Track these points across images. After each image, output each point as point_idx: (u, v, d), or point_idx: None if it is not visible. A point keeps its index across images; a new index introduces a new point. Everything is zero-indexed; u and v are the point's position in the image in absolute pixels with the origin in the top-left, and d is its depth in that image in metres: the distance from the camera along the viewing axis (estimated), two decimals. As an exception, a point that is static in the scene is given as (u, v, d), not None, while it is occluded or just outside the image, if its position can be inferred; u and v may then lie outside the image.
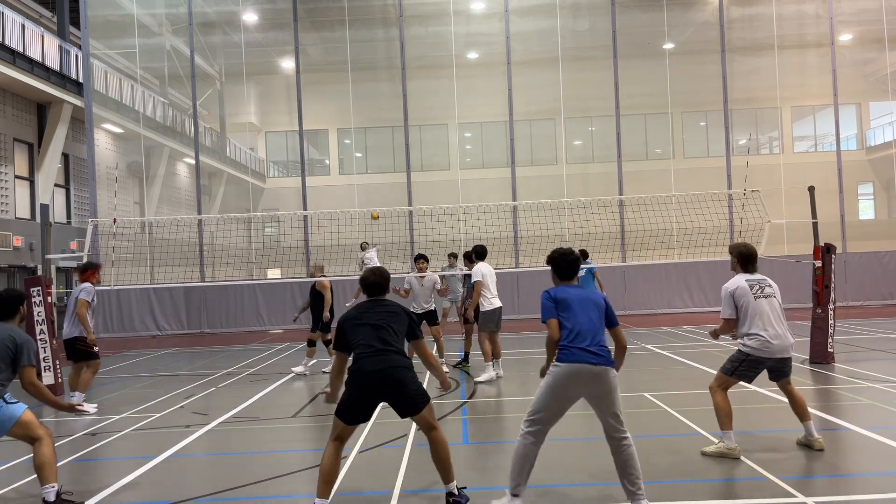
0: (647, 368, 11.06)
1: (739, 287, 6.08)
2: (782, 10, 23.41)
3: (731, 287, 6.13)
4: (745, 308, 6.03)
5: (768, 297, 6.07)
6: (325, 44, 25.51)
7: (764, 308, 6.00)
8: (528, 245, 20.59)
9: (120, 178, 22.98)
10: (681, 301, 21.95)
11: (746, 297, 6.04)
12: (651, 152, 24.84)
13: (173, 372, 12.87)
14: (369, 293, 5.29)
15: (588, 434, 7.15)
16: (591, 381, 4.68)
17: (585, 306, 4.86)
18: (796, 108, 25.40)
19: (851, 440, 6.32)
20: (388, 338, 4.89)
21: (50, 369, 10.51)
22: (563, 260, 5.12)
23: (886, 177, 24.70)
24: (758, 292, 6.07)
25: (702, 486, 5.21)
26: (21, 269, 20.01)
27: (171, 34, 24.45)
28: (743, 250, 6.33)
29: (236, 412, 8.63)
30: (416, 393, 4.89)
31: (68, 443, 7.29)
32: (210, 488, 5.54)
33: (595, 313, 4.85)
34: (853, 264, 21.64)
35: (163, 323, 21.62)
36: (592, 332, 4.75)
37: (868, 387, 8.60)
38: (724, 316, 6.13)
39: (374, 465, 6.06)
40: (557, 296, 4.91)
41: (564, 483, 5.36)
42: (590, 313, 4.83)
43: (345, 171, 25.42)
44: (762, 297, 6.05)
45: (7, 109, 20.00)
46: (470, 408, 8.38)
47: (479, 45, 25.16)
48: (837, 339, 11.72)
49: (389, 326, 4.96)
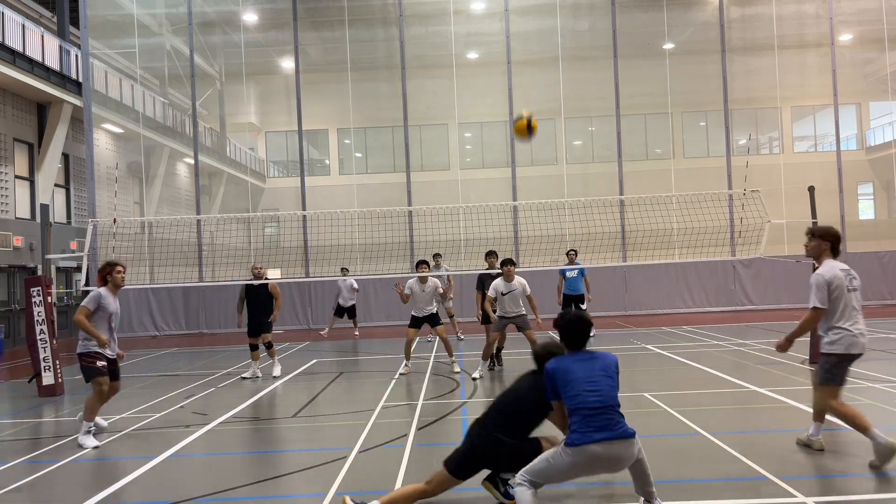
0: (647, 368, 11.07)
1: (837, 276, 5.61)
2: (782, 10, 23.41)
3: (826, 274, 5.61)
4: (837, 300, 5.59)
5: (856, 290, 5.69)
6: (324, 43, 25.50)
7: (853, 302, 5.63)
8: (528, 245, 20.59)
9: (120, 178, 22.98)
10: (681, 301, 21.96)
11: (841, 289, 5.60)
12: (651, 152, 24.84)
13: (173, 372, 12.86)
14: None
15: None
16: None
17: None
18: (796, 108, 25.40)
19: (851, 440, 6.31)
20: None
21: (50, 369, 10.50)
22: (572, 326, 4.57)
23: (886, 177, 24.69)
24: (850, 283, 5.67)
25: (702, 486, 5.21)
26: (21, 269, 20.01)
27: (170, 34, 24.45)
28: (835, 233, 5.85)
29: (236, 412, 8.63)
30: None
31: (68, 443, 7.29)
32: (210, 488, 5.54)
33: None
34: (853, 264, 21.57)
35: (161, 323, 21.61)
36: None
37: (868, 387, 8.60)
38: (819, 305, 5.58)
39: (374, 465, 6.06)
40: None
41: (565, 483, 5.34)
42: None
43: (345, 171, 25.42)
44: (853, 291, 5.67)
45: (7, 109, 20.00)
46: (470, 408, 8.37)
47: (479, 44, 25.16)
48: (837, 339, 11.69)
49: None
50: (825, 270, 5.68)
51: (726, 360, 11.39)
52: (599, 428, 4.26)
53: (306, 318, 21.89)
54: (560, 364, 4.51)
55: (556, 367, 4.49)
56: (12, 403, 10.16)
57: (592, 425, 4.27)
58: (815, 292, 5.63)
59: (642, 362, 11.77)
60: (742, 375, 9.75)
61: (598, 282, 20.73)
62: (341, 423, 7.71)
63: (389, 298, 20.40)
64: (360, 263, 19.62)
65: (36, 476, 6.10)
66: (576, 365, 4.46)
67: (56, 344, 10.78)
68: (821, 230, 5.94)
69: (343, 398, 9.39)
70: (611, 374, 4.46)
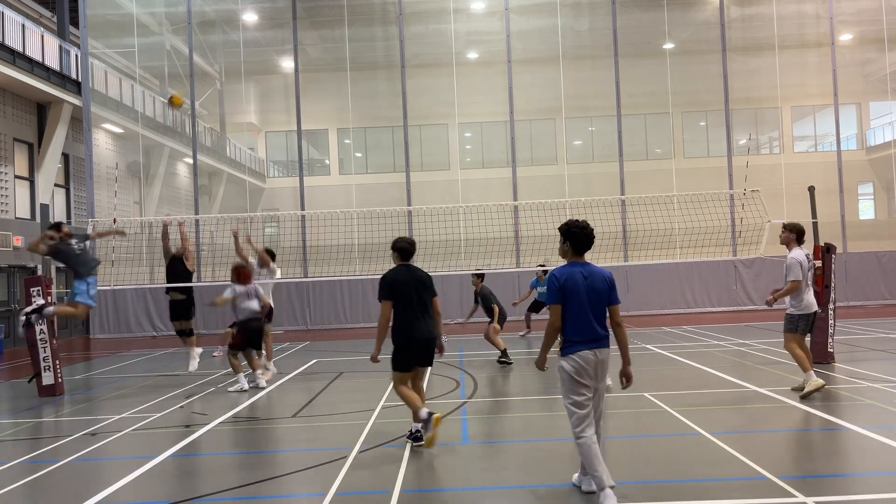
0: (648, 368, 11.07)
1: (803, 259, 8.12)
2: (782, 10, 23.41)
3: (798, 257, 8.11)
4: (804, 276, 8.11)
5: (811, 269, 8.43)
6: (324, 43, 25.50)
7: (809, 279, 8.28)
8: (528, 245, 20.58)
9: (119, 178, 22.97)
10: (683, 301, 21.94)
11: (805, 268, 8.12)
12: (651, 152, 24.83)
13: (173, 372, 12.86)
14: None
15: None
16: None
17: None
18: (796, 108, 25.40)
19: (851, 440, 6.31)
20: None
21: (50, 369, 10.49)
22: (582, 233, 5.02)
23: (886, 177, 24.69)
24: (810, 265, 8.34)
25: (702, 485, 5.21)
26: (21, 269, 20.00)
27: (170, 33, 24.44)
28: (801, 227, 8.31)
29: (236, 412, 8.62)
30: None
31: (68, 443, 7.29)
32: (210, 488, 5.54)
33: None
34: (853, 264, 21.64)
35: (159, 323, 21.59)
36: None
37: (868, 387, 8.60)
38: (796, 278, 8.07)
39: (374, 465, 6.05)
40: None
41: (565, 483, 5.34)
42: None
43: (344, 170, 25.41)
44: (810, 270, 8.33)
45: (7, 109, 19.99)
46: (470, 408, 8.37)
47: (480, 43, 25.15)
48: (837, 338, 11.72)
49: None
50: (796, 255, 8.17)
51: (726, 360, 11.39)
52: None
53: (304, 319, 21.86)
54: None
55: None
56: (12, 403, 10.15)
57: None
58: (793, 269, 8.14)
59: (643, 362, 11.77)
60: (742, 375, 9.75)
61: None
62: (341, 423, 7.71)
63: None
64: (360, 263, 19.60)
65: (36, 476, 6.10)
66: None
67: (56, 344, 10.77)
68: (790, 225, 8.38)
69: (343, 398, 9.39)
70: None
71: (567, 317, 4.86)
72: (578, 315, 4.83)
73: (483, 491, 5.26)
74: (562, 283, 4.87)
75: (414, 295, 6.50)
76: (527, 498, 5.10)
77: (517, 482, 5.49)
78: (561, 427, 7.46)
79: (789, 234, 8.30)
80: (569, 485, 5.21)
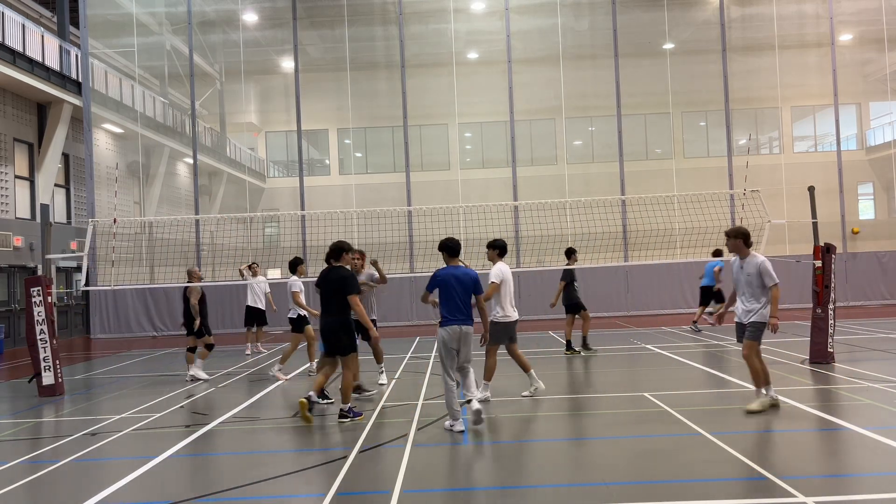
0: (648, 368, 11.07)
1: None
2: (782, 10, 23.41)
3: (768, 259, 7.35)
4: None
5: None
6: (324, 42, 25.49)
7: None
8: (529, 245, 20.58)
9: (120, 178, 22.97)
10: (683, 301, 21.93)
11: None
12: (651, 152, 24.83)
13: (173, 372, 12.86)
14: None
15: (581, 434, 7.15)
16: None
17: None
18: (796, 108, 25.39)
19: (851, 440, 6.31)
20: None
21: (50, 369, 10.49)
22: (452, 243, 7.37)
23: (886, 177, 24.69)
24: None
25: (702, 486, 5.21)
26: (21, 269, 20.00)
27: (170, 33, 24.44)
28: (745, 231, 7.44)
29: (236, 412, 8.62)
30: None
31: (68, 443, 7.29)
32: (210, 488, 5.54)
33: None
34: (853, 264, 21.63)
35: (159, 323, 21.58)
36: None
37: (868, 387, 8.60)
38: (777, 282, 7.28)
39: (374, 465, 6.05)
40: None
41: (565, 483, 5.34)
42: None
43: (344, 170, 25.41)
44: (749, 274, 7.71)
45: (7, 109, 19.99)
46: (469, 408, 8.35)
47: (480, 43, 25.14)
48: (837, 339, 11.72)
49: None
50: (763, 258, 7.35)
51: (726, 360, 11.38)
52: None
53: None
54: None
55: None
56: (12, 403, 10.15)
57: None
58: (772, 272, 7.28)
59: (642, 362, 11.78)
60: (742, 375, 9.74)
61: (600, 282, 20.76)
62: (341, 423, 7.71)
63: (387, 298, 20.38)
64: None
65: (36, 476, 6.10)
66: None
67: (56, 344, 10.76)
68: (733, 231, 7.49)
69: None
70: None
71: (443, 300, 7.13)
72: (450, 300, 7.09)
73: (483, 491, 5.25)
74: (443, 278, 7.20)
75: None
76: (527, 498, 5.10)
77: (517, 482, 5.49)
78: (561, 428, 7.47)
79: (736, 240, 7.39)
80: (569, 485, 5.21)
